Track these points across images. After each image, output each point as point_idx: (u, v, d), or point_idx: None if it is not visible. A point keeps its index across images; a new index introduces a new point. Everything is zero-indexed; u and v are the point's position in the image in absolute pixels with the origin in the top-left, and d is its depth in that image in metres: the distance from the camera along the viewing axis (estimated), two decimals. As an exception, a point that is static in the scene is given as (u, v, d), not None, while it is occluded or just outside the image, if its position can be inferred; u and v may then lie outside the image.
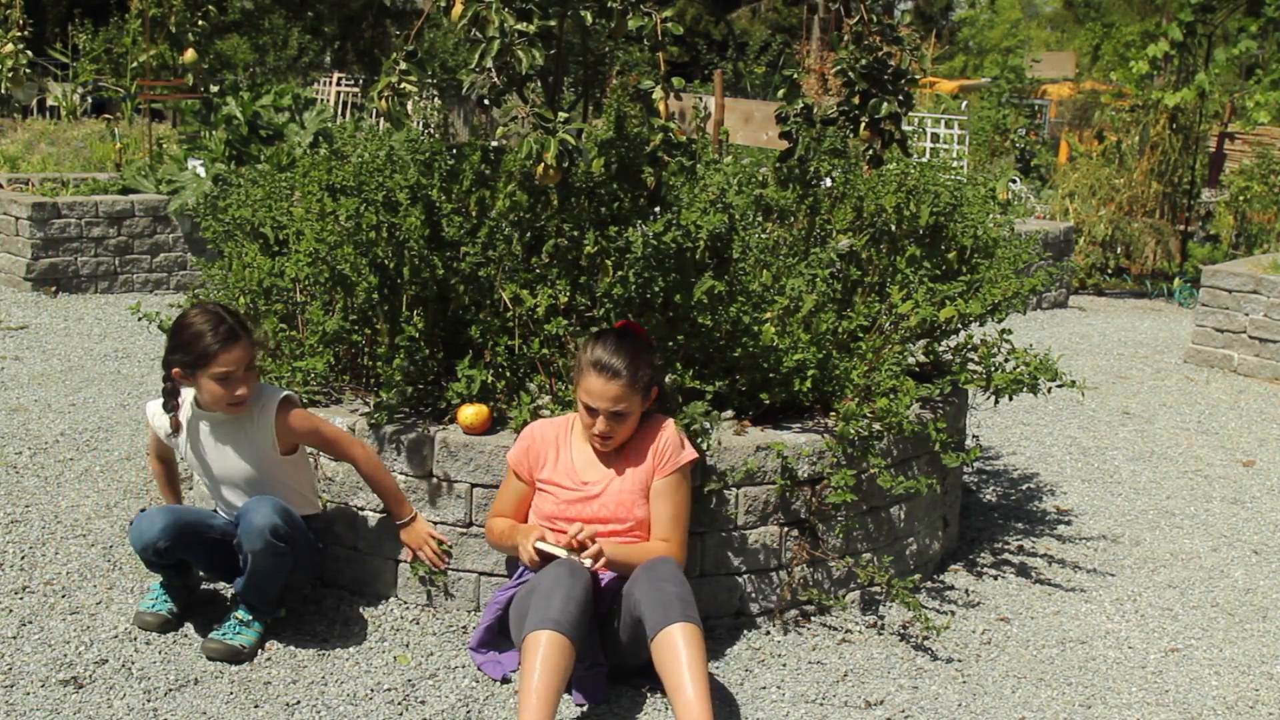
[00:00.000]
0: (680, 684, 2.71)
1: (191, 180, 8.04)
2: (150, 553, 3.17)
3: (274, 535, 3.06)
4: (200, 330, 3.14)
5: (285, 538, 3.09)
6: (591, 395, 3.05)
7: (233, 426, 3.27)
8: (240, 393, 3.17)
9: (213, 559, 3.30)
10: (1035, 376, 3.79)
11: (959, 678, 3.23)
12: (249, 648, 3.15)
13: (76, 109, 14.48)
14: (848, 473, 3.37)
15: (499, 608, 3.12)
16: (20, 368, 5.88)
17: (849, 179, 4.17)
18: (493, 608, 3.14)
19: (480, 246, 3.47)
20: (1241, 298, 7.19)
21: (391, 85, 3.45)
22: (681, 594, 2.85)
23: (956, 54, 34.63)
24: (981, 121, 13.51)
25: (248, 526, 3.08)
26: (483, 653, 3.14)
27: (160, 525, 3.16)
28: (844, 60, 4.25)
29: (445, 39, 19.12)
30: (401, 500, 3.35)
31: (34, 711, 2.83)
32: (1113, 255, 10.49)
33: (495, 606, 3.14)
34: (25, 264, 7.61)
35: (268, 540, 3.06)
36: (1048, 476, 5.03)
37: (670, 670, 2.73)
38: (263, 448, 3.26)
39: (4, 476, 4.35)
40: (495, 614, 3.12)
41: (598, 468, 3.16)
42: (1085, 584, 3.91)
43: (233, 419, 3.25)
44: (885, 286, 3.95)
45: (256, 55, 20.71)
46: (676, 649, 2.74)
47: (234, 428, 3.27)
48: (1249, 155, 11.54)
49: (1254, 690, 3.26)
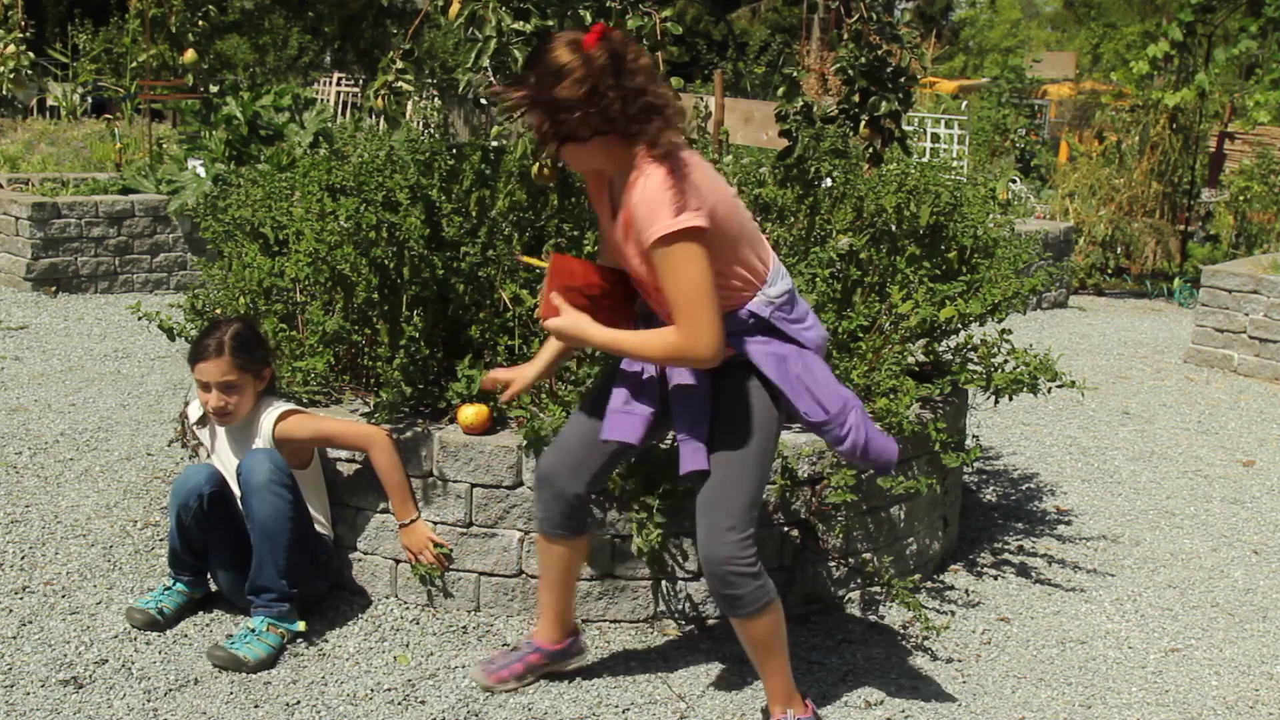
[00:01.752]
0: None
1: (191, 180, 8.04)
2: (193, 500, 3.17)
3: (275, 473, 3.11)
4: (199, 336, 3.32)
5: (286, 483, 3.13)
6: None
7: (243, 436, 3.33)
8: (216, 405, 3.25)
9: (234, 536, 3.26)
10: (1035, 376, 3.79)
11: (959, 678, 3.23)
12: (253, 661, 3.05)
13: (76, 109, 14.48)
14: (848, 473, 3.37)
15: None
16: (20, 368, 5.88)
17: (849, 179, 4.16)
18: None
19: (480, 246, 3.47)
20: (1241, 298, 7.19)
21: (388, 84, 3.46)
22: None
23: (956, 54, 34.63)
24: (981, 121, 13.52)
25: (248, 472, 3.13)
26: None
27: (205, 474, 3.21)
28: (844, 58, 4.25)
29: (445, 39, 19.13)
30: (408, 500, 3.34)
31: (34, 711, 2.83)
32: (1113, 255, 10.49)
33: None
34: (25, 264, 7.61)
35: (269, 474, 3.09)
36: (1048, 476, 5.03)
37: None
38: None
39: (4, 476, 4.35)
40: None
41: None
42: (1085, 584, 3.91)
43: (243, 430, 3.32)
44: (885, 286, 3.95)
45: (256, 55, 20.73)
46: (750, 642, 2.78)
47: (244, 437, 3.32)
48: (1249, 155, 11.54)
49: (1254, 690, 3.26)
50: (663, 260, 2.44)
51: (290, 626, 3.17)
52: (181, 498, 3.20)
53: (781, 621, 2.74)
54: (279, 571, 3.14)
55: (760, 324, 2.62)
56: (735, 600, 2.66)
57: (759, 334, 2.62)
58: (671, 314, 2.48)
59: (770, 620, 2.71)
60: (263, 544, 3.13)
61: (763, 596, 2.67)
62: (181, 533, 3.24)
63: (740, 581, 2.63)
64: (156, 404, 5.34)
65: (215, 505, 3.21)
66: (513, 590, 3.40)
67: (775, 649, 2.76)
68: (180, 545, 3.27)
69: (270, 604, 3.15)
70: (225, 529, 3.26)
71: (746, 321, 2.61)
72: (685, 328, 2.46)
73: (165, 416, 5.11)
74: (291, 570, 3.16)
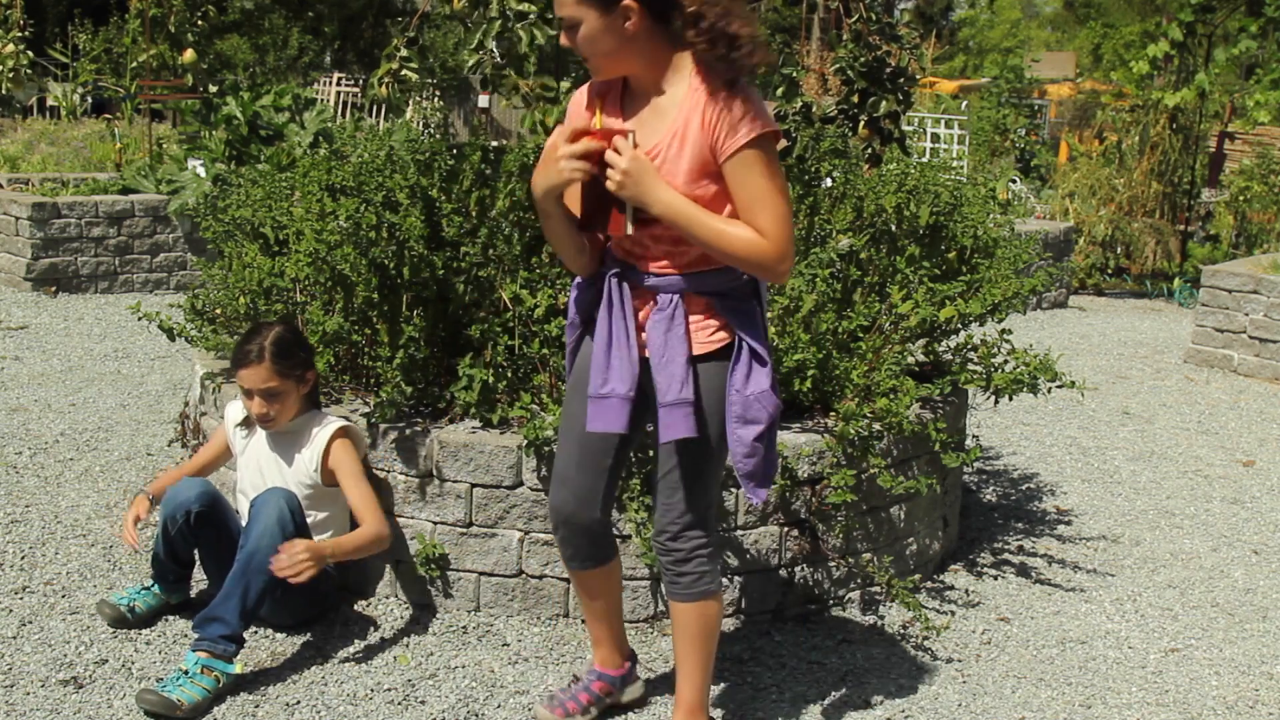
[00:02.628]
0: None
1: (191, 180, 8.04)
2: (180, 515, 3.12)
3: (282, 520, 3.02)
4: (240, 341, 3.25)
5: (289, 532, 3.04)
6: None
7: (288, 442, 3.30)
8: (259, 412, 3.22)
9: (221, 554, 3.22)
10: (1035, 376, 3.79)
11: (959, 678, 3.23)
12: (187, 705, 2.80)
13: (76, 109, 14.49)
14: (848, 473, 3.37)
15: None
16: (20, 368, 5.88)
17: (849, 179, 4.17)
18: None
19: (480, 246, 3.47)
20: (1241, 298, 7.19)
21: (392, 72, 3.45)
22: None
23: (956, 54, 34.65)
24: (981, 121, 13.52)
25: (260, 505, 3.06)
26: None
27: (197, 491, 3.17)
28: (843, 58, 4.25)
29: (445, 39, 19.13)
30: (353, 552, 3.18)
31: (34, 711, 2.83)
32: (1113, 255, 10.49)
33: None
34: (25, 264, 7.61)
35: (278, 517, 3.01)
36: (1048, 476, 5.03)
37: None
38: (307, 471, 3.27)
39: (4, 476, 4.35)
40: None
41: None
42: (1085, 584, 3.91)
43: (290, 436, 3.29)
44: (885, 286, 3.95)
45: (256, 55, 20.73)
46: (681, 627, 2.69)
47: (289, 443, 3.30)
48: (1249, 155, 11.54)
49: (1254, 690, 3.26)
50: (754, 162, 2.33)
51: (225, 669, 2.92)
52: (169, 510, 3.17)
53: (721, 616, 2.71)
54: (242, 611, 2.95)
55: (751, 285, 2.52)
56: (696, 578, 2.61)
57: (746, 298, 2.52)
58: (751, 218, 2.36)
59: (718, 607, 2.67)
60: (240, 578, 2.97)
61: (717, 579, 2.65)
62: (167, 542, 3.21)
63: (704, 561, 2.61)
64: (156, 404, 5.34)
65: (202, 523, 3.18)
66: (513, 590, 3.40)
67: (710, 644, 2.70)
68: (164, 552, 3.23)
69: (216, 640, 2.91)
70: (215, 542, 3.22)
71: (740, 279, 2.50)
72: (772, 233, 2.34)
73: (165, 416, 5.11)
74: (252, 612, 2.99)
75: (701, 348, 2.50)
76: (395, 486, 3.41)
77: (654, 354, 2.50)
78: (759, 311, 2.54)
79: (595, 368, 2.54)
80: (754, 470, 2.53)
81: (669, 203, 2.36)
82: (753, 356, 2.49)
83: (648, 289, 2.51)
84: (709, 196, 2.40)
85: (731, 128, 2.34)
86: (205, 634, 2.92)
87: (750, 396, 2.48)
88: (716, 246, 2.38)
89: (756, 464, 2.53)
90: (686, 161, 2.38)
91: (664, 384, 2.48)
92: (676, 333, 2.48)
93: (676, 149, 2.38)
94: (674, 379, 2.47)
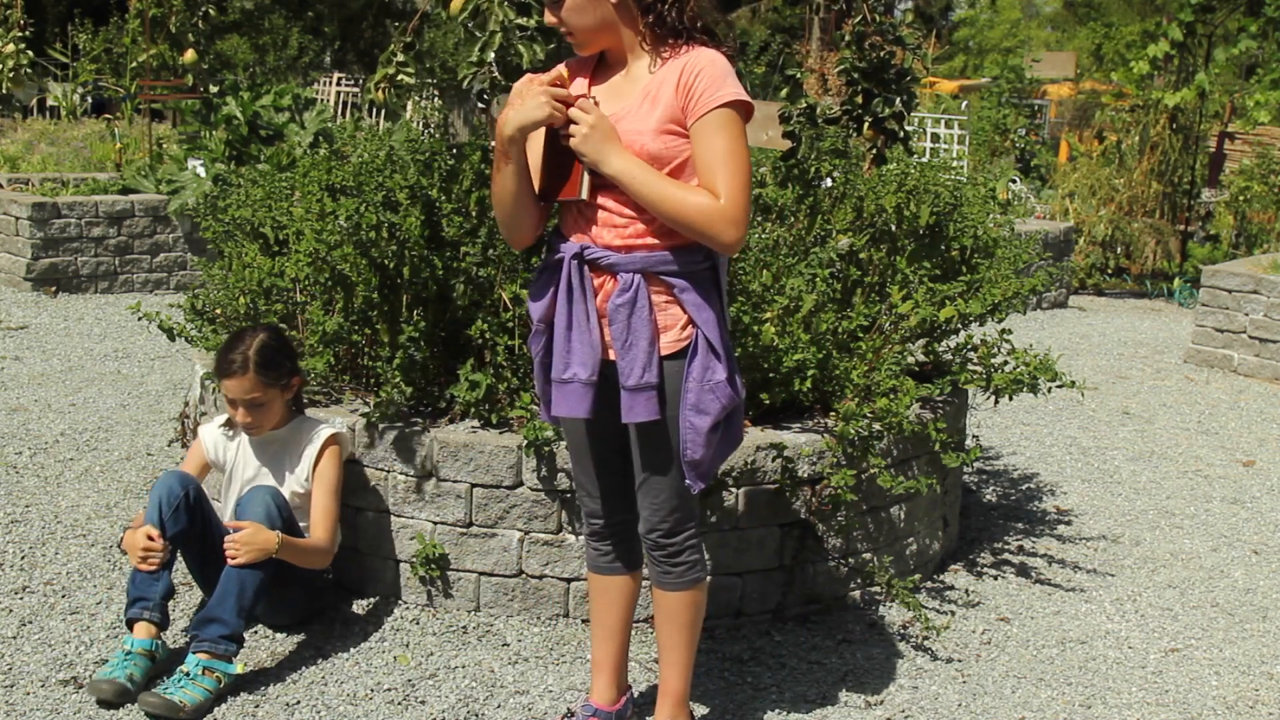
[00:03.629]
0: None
1: (191, 180, 8.04)
2: (170, 499, 3.04)
3: (269, 517, 3.02)
4: (223, 349, 3.23)
5: (283, 518, 3.07)
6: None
7: (277, 449, 3.30)
8: (244, 421, 3.22)
9: (204, 552, 3.17)
10: (1035, 376, 3.79)
11: (959, 678, 3.23)
12: (190, 707, 2.80)
13: (76, 109, 14.49)
14: (848, 473, 3.37)
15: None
16: (20, 368, 5.88)
17: (849, 179, 4.17)
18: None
19: (480, 246, 3.47)
20: (1241, 298, 7.19)
21: (388, 76, 3.45)
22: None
23: (956, 54, 34.64)
24: (981, 121, 13.51)
25: (246, 503, 3.07)
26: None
27: (184, 480, 3.13)
28: (847, 59, 4.25)
29: (445, 39, 19.12)
30: (299, 554, 3.12)
31: (34, 711, 2.83)
32: (1113, 255, 10.49)
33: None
34: (25, 264, 7.61)
35: (264, 515, 3.01)
36: (1048, 476, 5.03)
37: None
38: (298, 478, 3.28)
39: (4, 476, 4.35)
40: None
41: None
42: (1085, 584, 3.91)
43: (279, 442, 3.29)
44: (885, 286, 3.95)
45: (256, 55, 20.74)
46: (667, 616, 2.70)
47: (278, 450, 3.30)
48: (1249, 155, 11.54)
49: (1254, 690, 3.26)
50: (720, 127, 2.38)
51: (227, 669, 2.91)
52: (160, 494, 3.08)
53: (705, 604, 2.74)
54: (239, 610, 2.94)
55: (712, 274, 2.52)
56: (688, 568, 2.63)
57: (707, 287, 2.51)
58: (710, 179, 2.39)
59: (704, 595, 2.70)
60: (233, 578, 2.95)
61: (704, 564, 2.70)
62: (160, 523, 3.05)
63: (694, 550, 2.64)
64: (156, 404, 5.34)
65: (195, 508, 3.12)
66: (513, 590, 3.40)
67: (697, 631, 2.72)
68: (155, 521, 3.05)
69: (216, 640, 2.90)
70: (198, 533, 3.14)
71: (701, 264, 2.49)
72: (730, 196, 2.38)
73: (165, 416, 5.12)
74: (249, 611, 2.98)
75: (669, 348, 2.50)
76: (395, 486, 3.41)
77: (616, 338, 2.49)
78: (720, 303, 2.54)
79: (557, 352, 2.54)
80: (700, 460, 2.53)
81: (624, 164, 2.40)
82: (710, 349, 2.50)
83: (606, 268, 2.50)
84: (672, 160, 2.43)
85: (704, 91, 2.39)
86: (204, 635, 2.91)
87: (705, 386, 2.49)
88: (669, 210, 2.39)
89: (705, 455, 2.53)
90: (655, 119, 2.42)
91: (626, 368, 2.48)
92: (640, 316, 2.47)
93: (648, 108, 2.44)
94: (636, 363, 2.47)
